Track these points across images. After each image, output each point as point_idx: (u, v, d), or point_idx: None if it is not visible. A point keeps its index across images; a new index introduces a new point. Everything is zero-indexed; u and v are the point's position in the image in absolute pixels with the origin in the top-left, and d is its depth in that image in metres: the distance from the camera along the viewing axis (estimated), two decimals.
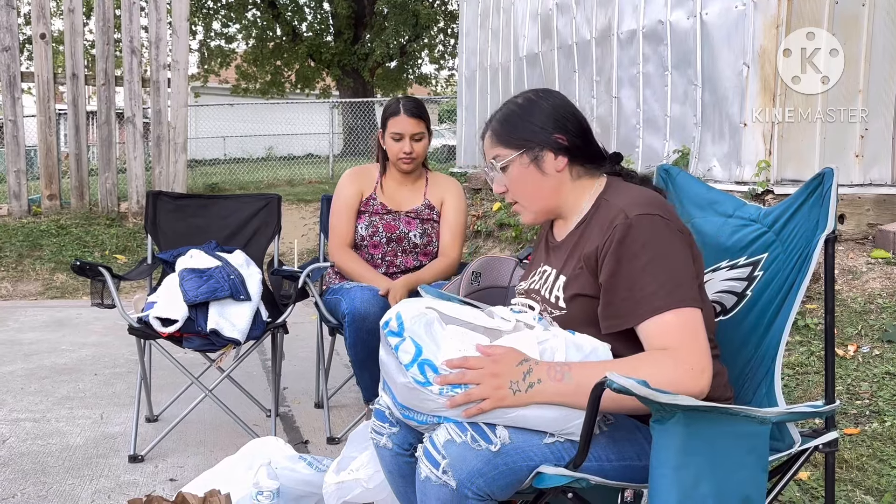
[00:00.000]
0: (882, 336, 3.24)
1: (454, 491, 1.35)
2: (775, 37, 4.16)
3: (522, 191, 1.67)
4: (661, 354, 1.41)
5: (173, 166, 7.14)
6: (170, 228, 3.22)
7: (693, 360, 1.40)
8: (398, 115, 2.83)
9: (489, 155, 1.70)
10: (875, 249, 3.96)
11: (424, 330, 1.43)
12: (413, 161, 2.87)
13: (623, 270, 1.47)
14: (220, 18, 18.68)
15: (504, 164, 1.66)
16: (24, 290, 5.85)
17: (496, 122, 1.69)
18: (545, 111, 1.65)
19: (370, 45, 18.06)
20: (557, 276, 1.63)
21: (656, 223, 1.48)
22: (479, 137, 1.75)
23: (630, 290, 1.45)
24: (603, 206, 1.61)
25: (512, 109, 1.69)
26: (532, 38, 6.98)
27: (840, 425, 2.65)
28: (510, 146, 1.65)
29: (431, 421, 1.42)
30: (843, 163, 4.25)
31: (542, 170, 1.64)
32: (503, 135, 1.67)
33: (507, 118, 1.68)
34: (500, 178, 1.68)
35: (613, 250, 1.48)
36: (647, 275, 1.45)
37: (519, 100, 1.69)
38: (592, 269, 1.54)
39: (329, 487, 2.19)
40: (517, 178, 1.66)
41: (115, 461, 2.72)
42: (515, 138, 1.65)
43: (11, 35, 6.82)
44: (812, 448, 1.50)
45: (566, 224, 1.70)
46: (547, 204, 1.68)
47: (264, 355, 4.00)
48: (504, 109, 1.70)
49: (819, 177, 1.58)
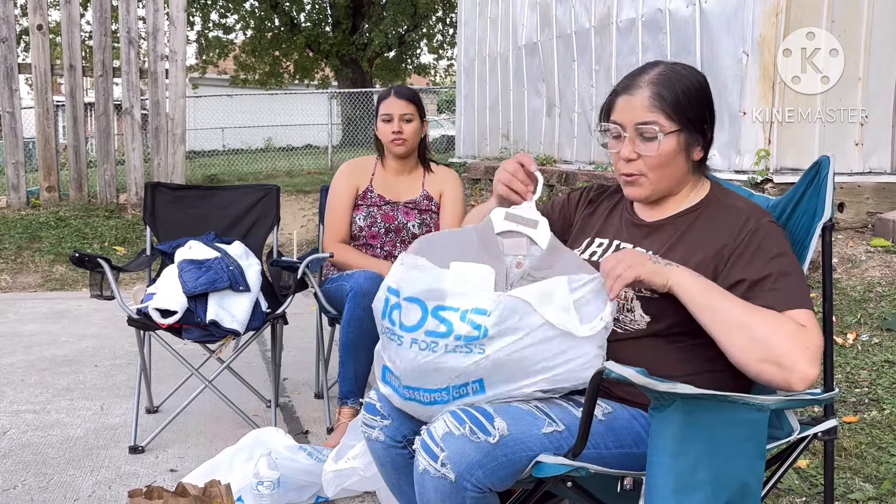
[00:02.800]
0: (881, 324, 3.24)
1: (453, 483, 1.35)
2: (775, 25, 4.14)
3: (659, 166, 1.57)
4: (795, 325, 1.42)
5: (172, 157, 7.13)
6: (168, 220, 3.21)
7: (814, 346, 1.40)
8: (388, 97, 2.91)
9: (639, 117, 1.55)
10: (874, 238, 3.96)
11: (419, 281, 1.45)
12: (405, 143, 2.88)
13: (769, 267, 1.47)
14: (217, 9, 18.60)
15: (659, 136, 1.53)
16: (23, 281, 5.85)
17: (666, 87, 1.54)
18: (711, 100, 1.59)
19: (369, 35, 17.99)
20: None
21: (781, 233, 1.53)
22: (622, 91, 1.58)
23: (775, 283, 1.46)
24: (715, 204, 1.60)
25: (692, 84, 1.56)
26: (531, 26, 6.96)
27: (839, 413, 2.66)
28: (674, 120, 1.54)
29: (437, 402, 1.43)
30: (843, 151, 4.24)
31: (688, 155, 1.59)
32: (674, 106, 1.54)
33: (686, 92, 1.54)
34: (634, 144, 1.56)
35: (755, 250, 1.49)
36: (792, 276, 1.47)
37: (699, 77, 1.58)
38: (713, 267, 1.51)
39: (327, 475, 2.21)
40: (664, 153, 1.55)
41: (116, 452, 2.73)
42: (684, 116, 1.54)
43: (8, 26, 6.79)
44: (811, 436, 1.51)
45: (659, 208, 1.65)
46: (670, 186, 1.61)
47: (264, 346, 4.00)
48: (680, 79, 1.55)
49: (816, 165, 1.58)
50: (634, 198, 1.65)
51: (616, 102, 1.60)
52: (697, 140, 1.59)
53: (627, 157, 1.58)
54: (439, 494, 1.37)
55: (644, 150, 1.56)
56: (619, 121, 1.58)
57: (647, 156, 1.56)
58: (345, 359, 2.65)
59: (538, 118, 6.92)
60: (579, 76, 6.15)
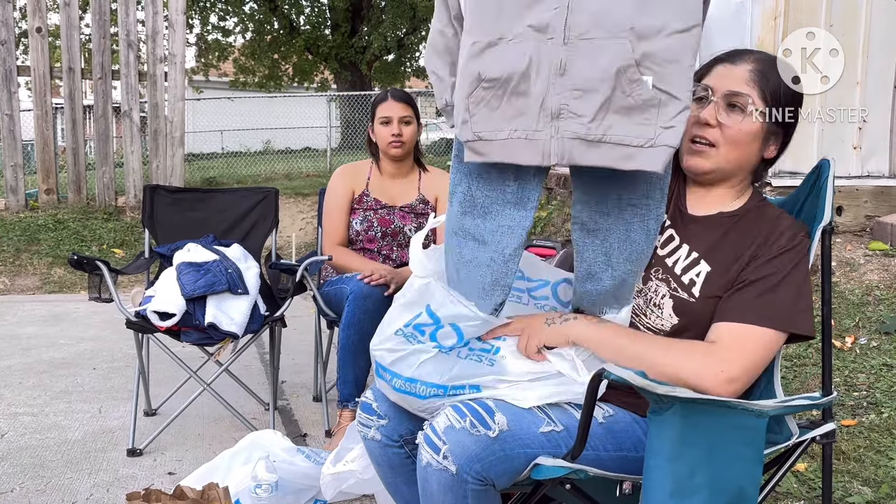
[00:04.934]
0: (879, 328, 3.24)
1: (454, 476, 1.35)
2: (773, 28, 4.15)
3: (735, 143, 1.52)
4: (704, 351, 1.42)
5: (170, 160, 7.13)
6: (167, 222, 3.21)
7: (732, 371, 1.39)
8: (386, 100, 2.91)
9: (735, 86, 1.50)
10: (873, 241, 3.96)
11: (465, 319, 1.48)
12: (403, 145, 2.89)
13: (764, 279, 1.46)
14: (217, 12, 18.61)
15: (749, 108, 1.49)
16: (21, 284, 5.85)
17: (771, 70, 1.52)
18: (802, 103, 1.57)
19: (368, 38, 18.00)
20: (697, 259, 1.53)
21: (806, 249, 1.50)
22: (724, 59, 1.56)
23: (756, 294, 1.45)
24: (756, 212, 1.56)
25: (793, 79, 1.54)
26: None
27: (837, 416, 2.66)
28: (767, 103, 1.51)
29: (434, 396, 1.44)
30: (842, 155, 4.25)
31: (762, 145, 1.55)
32: (774, 90, 1.51)
33: (787, 85, 1.52)
34: (718, 111, 1.51)
35: (770, 260, 1.47)
36: (778, 294, 1.45)
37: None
38: (738, 271, 1.50)
39: (326, 478, 2.21)
40: (745, 130, 1.51)
41: (114, 455, 2.72)
42: (778, 104, 1.51)
43: (7, 29, 6.79)
44: (809, 439, 1.51)
45: (708, 201, 1.60)
46: (733, 171, 1.55)
47: (262, 349, 4.00)
48: (785, 69, 1.54)
49: (817, 169, 1.58)
50: (695, 168, 1.56)
51: (714, 69, 1.55)
52: (778, 136, 1.56)
53: (706, 121, 1.51)
54: (441, 487, 1.37)
55: (727, 121, 1.51)
56: (712, 84, 1.53)
57: (729, 126, 1.51)
58: (344, 362, 2.65)
59: None
60: None
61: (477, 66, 1.29)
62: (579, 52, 1.24)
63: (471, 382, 1.44)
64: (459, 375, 1.45)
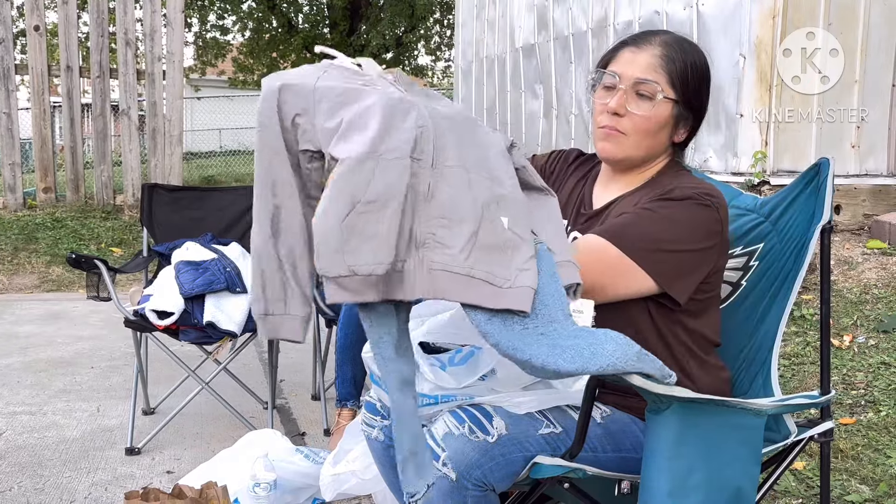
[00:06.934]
0: (877, 326, 3.25)
1: (454, 483, 1.35)
2: (772, 27, 4.15)
3: (646, 131, 1.49)
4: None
5: (169, 159, 7.12)
6: (165, 221, 3.21)
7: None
8: None
9: (642, 73, 1.47)
10: (871, 240, 3.96)
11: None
12: None
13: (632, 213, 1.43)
14: (215, 10, 18.59)
15: (658, 96, 1.47)
16: (19, 283, 5.84)
17: (677, 53, 1.49)
18: (709, 84, 1.54)
19: (366, 37, 17.98)
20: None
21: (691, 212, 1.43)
22: (630, 43, 1.52)
23: (617, 220, 1.42)
24: (672, 175, 1.54)
25: (699, 61, 1.51)
26: (528, 28, 6.96)
27: (835, 415, 2.66)
28: (675, 89, 1.48)
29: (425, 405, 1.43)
30: (840, 153, 4.25)
31: (672, 130, 1.53)
32: (681, 74, 1.48)
33: (693, 66, 1.50)
34: (626, 99, 1.48)
35: (655, 201, 1.44)
36: (634, 226, 1.42)
37: (705, 57, 1.53)
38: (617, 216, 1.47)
39: (325, 479, 2.20)
40: (653, 117, 1.48)
41: (112, 454, 2.72)
42: (686, 88, 1.49)
43: (5, 27, 6.78)
44: (807, 438, 1.51)
45: (614, 188, 1.58)
46: (641, 156, 1.53)
47: (261, 348, 3.99)
48: (691, 51, 1.51)
49: (815, 167, 1.58)
50: (607, 155, 1.54)
51: (620, 54, 1.52)
52: (688, 119, 1.54)
53: (615, 111, 1.49)
54: (442, 494, 1.36)
55: (636, 109, 1.48)
56: (619, 71, 1.50)
57: (638, 115, 1.48)
58: (342, 361, 2.65)
59: (536, 120, 6.93)
60: (576, 78, 6.15)
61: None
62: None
63: (462, 393, 1.44)
64: (451, 386, 1.43)
